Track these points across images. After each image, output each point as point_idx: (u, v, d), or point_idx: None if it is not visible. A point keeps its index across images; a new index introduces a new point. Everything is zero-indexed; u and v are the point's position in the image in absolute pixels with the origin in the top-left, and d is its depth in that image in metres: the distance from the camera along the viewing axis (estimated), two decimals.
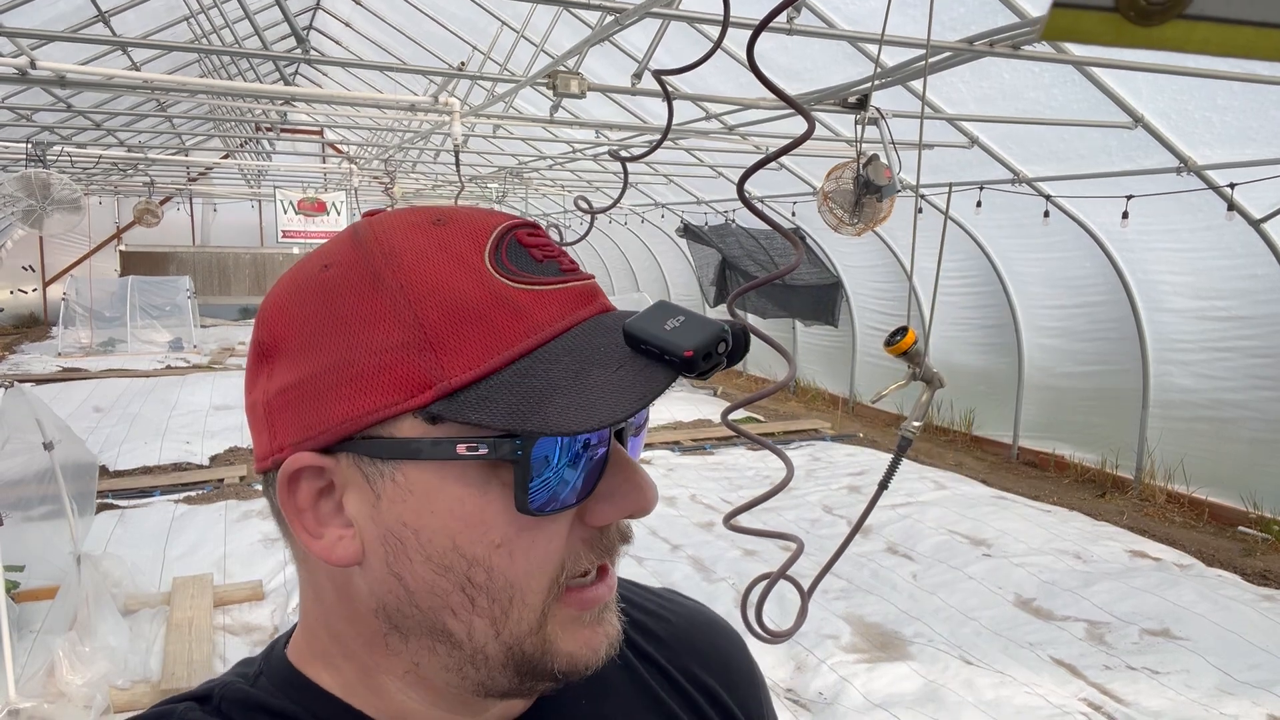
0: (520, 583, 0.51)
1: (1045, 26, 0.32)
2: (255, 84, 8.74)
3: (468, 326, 0.50)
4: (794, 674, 3.93)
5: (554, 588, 0.52)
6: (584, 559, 0.53)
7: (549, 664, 0.53)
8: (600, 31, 3.84)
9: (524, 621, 0.52)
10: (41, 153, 7.43)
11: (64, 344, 13.29)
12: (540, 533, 0.51)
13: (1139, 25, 0.31)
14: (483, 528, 0.50)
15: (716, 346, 0.49)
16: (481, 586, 0.51)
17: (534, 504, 0.50)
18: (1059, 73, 4.90)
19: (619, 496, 0.53)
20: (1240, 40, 0.32)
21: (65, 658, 3.53)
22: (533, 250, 0.54)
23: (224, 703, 0.57)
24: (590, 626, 0.54)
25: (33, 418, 4.13)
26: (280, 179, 14.75)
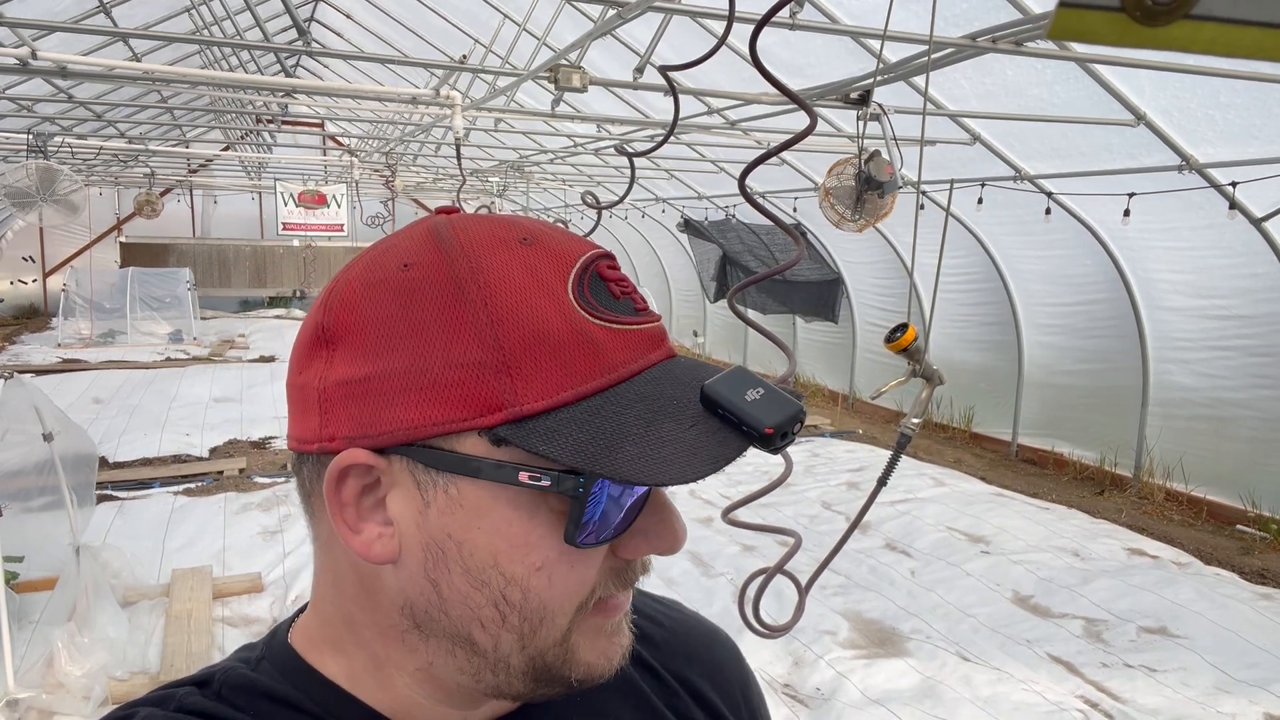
0: (553, 606, 0.53)
1: (1051, 25, 0.32)
2: (256, 76, 8.73)
3: (546, 356, 0.50)
4: (792, 669, 3.94)
5: (582, 611, 0.54)
6: (613, 586, 0.56)
7: (568, 673, 0.55)
8: (603, 25, 3.83)
9: (550, 638, 0.53)
10: (42, 144, 7.42)
11: (64, 335, 13.29)
12: (580, 561, 0.53)
13: (1145, 25, 0.31)
14: (525, 550, 0.51)
15: (794, 426, 0.50)
16: (515, 605, 0.52)
17: (581, 538, 0.51)
18: (1062, 69, 4.89)
19: (653, 535, 0.55)
20: (1246, 41, 0.32)
21: (64, 649, 3.54)
22: (611, 285, 0.54)
23: (225, 688, 0.57)
24: (609, 637, 0.56)
25: (32, 408, 4.13)
26: (281, 171, 14.73)
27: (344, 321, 0.53)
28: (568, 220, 14.35)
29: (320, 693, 0.58)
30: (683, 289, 13.63)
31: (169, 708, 0.56)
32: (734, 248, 9.88)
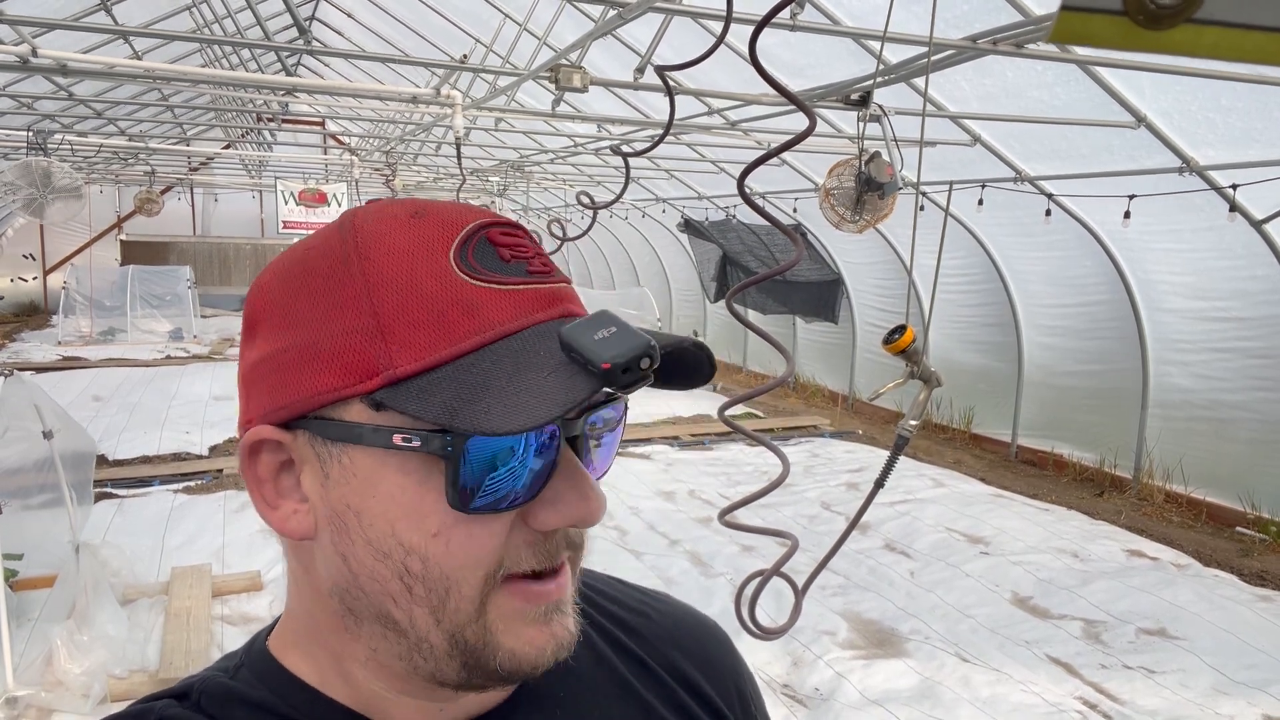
0: (455, 575, 0.51)
1: (1054, 29, 0.32)
2: (257, 74, 8.73)
3: (419, 318, 0.50)
4: (790, 670, 3.94)
5: (490, 580, 0.52)
6: (526, 560, 0.53)
7: (491, 658, 0.52)
8: (603, 25, 3.83)
9: (461, 611, 0.52)
10: (43, 141, 7.42)
11: (64, 333, 13.29)
12: (478, 527, 0.51)
13: (1148, 29, 0.31)
14: (420, 517, 0.51)
15: (639, 362, 0.48)
16: (418, 575, 0.51)
17: (469, 503, 0.50)
18: (1062, 71, 4.89)
19: (563, 504, 0.52)
20: (1249, 45, 0.32)
21: (63, 646, 3.54)
22: (501, 249, 0.54)
23: (204, 697, 0.57)
24: (536, 624, 0.53)
25: (32, 406, 4.13)
26: (281, 170, 14.73)
27: (258, 307, 0.56)
28: (568, 220, 14.35)
29: (294, 695, 0.58)
30: (683, 289, 13.63)
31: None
32: (734, 248, 9.88)
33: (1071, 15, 0.32)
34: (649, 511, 6.05)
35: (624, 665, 0.69)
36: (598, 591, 0.74)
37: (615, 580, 0.77)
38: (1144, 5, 0.31)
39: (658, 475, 7.02)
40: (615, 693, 0.67)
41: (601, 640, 0.69)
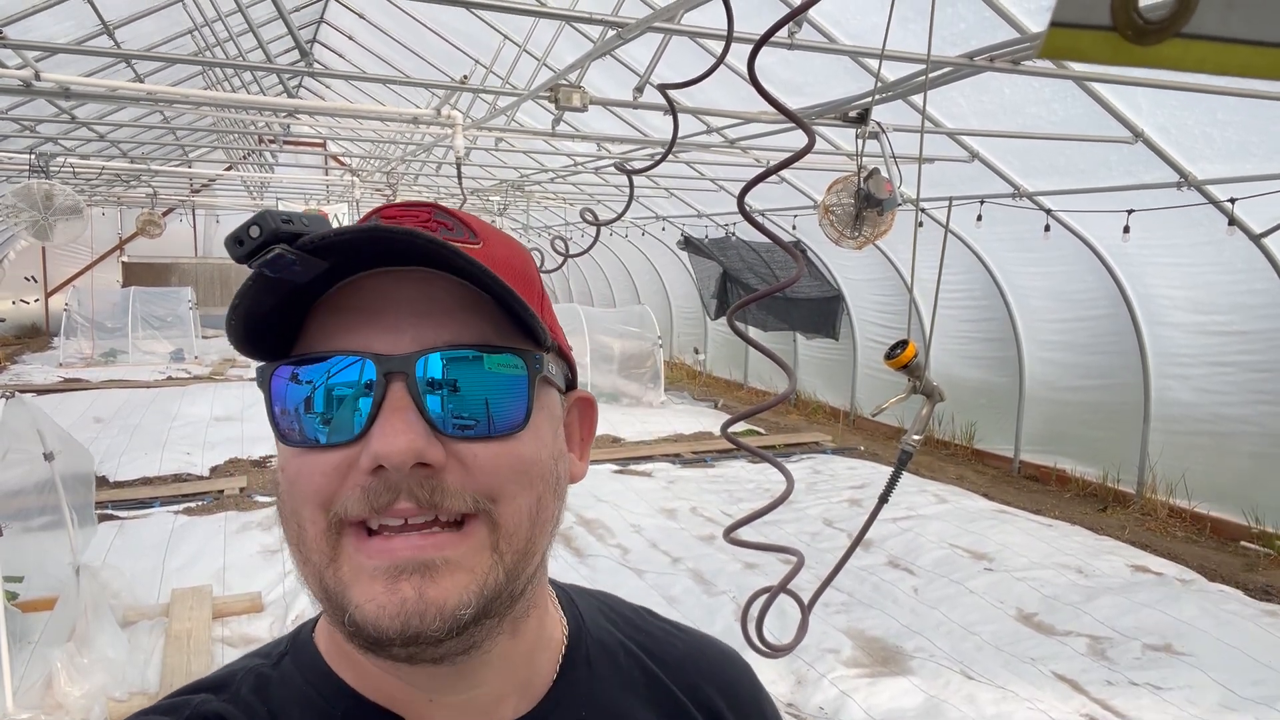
0: (299, 510, 0.54)
1: (1043, 45, 0.33)
2: (259, 96, 8.79)
3: None
4: (795, 688, 3.91)
5: (330, 521, 0.53)
6: (354, 504, 0.52)
7: (346, 610, 0.52)
8: (602, 46, 3.86)
9: (315, 552, 0.54)
10: (45, 164, 7.45)
11: (65, 354, 13.30)
12: (306, 463, 0.54)
13: (1136, 44, 0.32)
14: (280, 457, 0.56)
15: (248, 230, 0.50)
16: (283, 513, 0.56)
17: (282, 434, 0.54)
18: (1059, 88, 4.92)
19: (369, 441, 0.52)
20: (1236, 59, 0.32)
21: (63, 669, 3.52)
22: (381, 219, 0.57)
23: (244, 688, 0.59)
24: (379, 580, 0.51)
25: (33, 428, 4.13)
26: (283, 191, 14.79)
27: None
28: (569, 238, 14.36)
29: (330, 689, 0.59)
30: (683, 306, 13.65)
31: (181, 717, 0.57)
32: (734, 265, 9.90)
33: (1061, 31, 0.32)
34: (651, 529, 6.03)
35: (649, 691, 0.70)
36: (625, 619, 0.75)
37: (644, 609, 0.79)
38: (1132, 21, 0.31)
39: (659, 493, 7.00)
40: (638, 717, 0.68)
41: (629, 665, 0.70)
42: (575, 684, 0.66)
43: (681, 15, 3.44)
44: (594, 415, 0.68)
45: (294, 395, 0.53)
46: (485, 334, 0.55)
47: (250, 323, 0.53)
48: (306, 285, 0.53)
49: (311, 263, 0.51)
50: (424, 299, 0.54)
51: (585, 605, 0.74)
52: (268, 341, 0.55)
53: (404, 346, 0.53)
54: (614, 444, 8.64)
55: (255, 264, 0.49)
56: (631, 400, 10.64)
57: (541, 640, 0.65)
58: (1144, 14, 0.31)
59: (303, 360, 0.54)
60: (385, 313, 0.54)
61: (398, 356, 0.52)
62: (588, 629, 0.71)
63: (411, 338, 0.53)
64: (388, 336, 0.53)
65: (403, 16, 8.56)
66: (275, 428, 0.55)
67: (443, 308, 0.54)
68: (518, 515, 0.55)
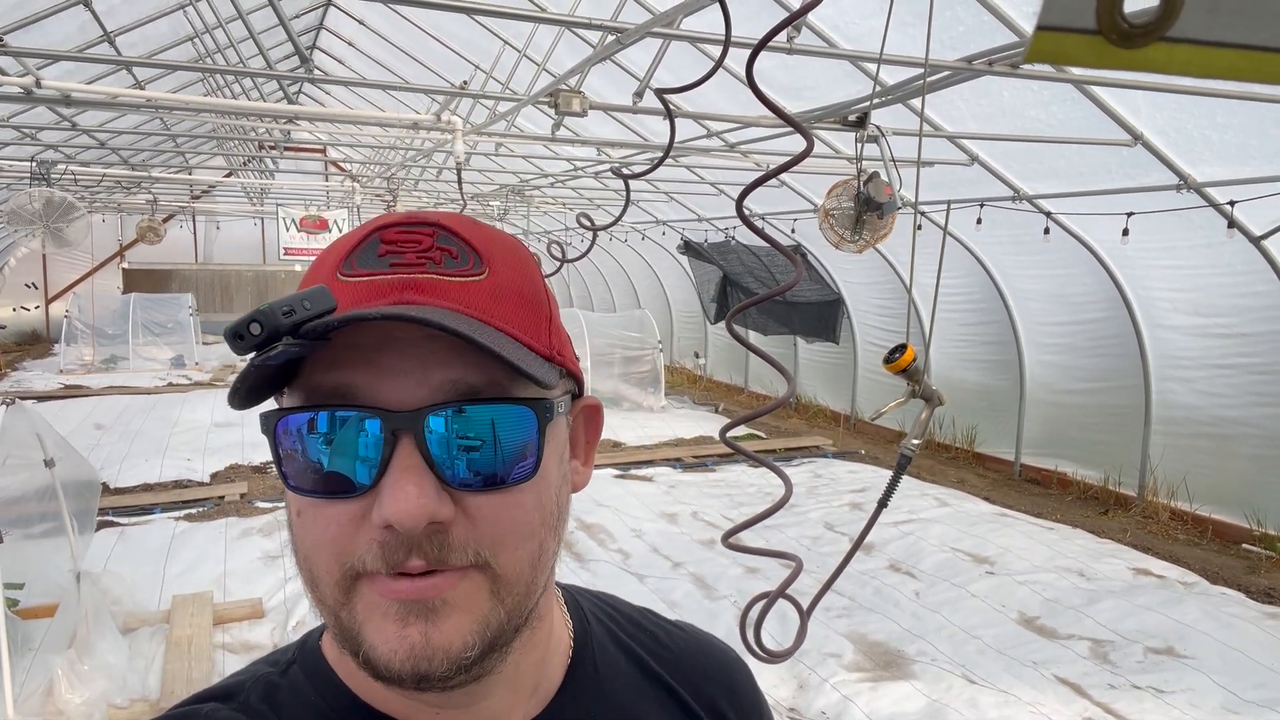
0: (312, 556, 0.54)
1: (1029, 49, 0.33)
2: (259, 103, 8.80)
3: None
4: (796, 693, 3.91)
5: (345, 572, 0.52)
6: (371, 558, 0.52)
7: (360, 648, 0.53)
8: (602, 51, 3.87)
9: (329, 596, 0.54)
10: (45, 171, 7.47)
11: (66, 361, 13.30)
12: (320, 512, 0.53)
13: (1121, 48, 0.32)
14: (293, 499, 0.55)
15: (248, 326, 0.49)
16: (298, 555, 0.56)
17: (290, 482, 0.54)
18: (1058, 91, 4.92)
19: (379, 502, 0.51)
20: (1220, 62, 0.32)
21: (64, 676, 3.51)
22: (383, 246, 0.56)
23: (253, 696, 0.59)
24: (392, 621, 0.52)
25: (34, 435, 4.13)
26: (283, 196, 14.79)
27: None
28: (566, 243, 14.38)
29: (339, 698, 0.59)
30: (683, 311, 13.65)
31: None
32: (734, 269, 9.90)
33: (1046, 35, 0.32)
34: (651, 534, 6.02)
35: (654, 691, 0.70)
36: (629, 619, 0.76)
37: (647, 610, 0.79)
38: (1117, 24, 0.31)
39: (660, 497, 7.00)
40: (643, 716, 0.68)
41: (632, 667, 0.71)
42: (582, 686, 0.66)
43: (680, 20, 3.44)
44: (600, 421, 0.67)
45: (300, 445, 0.53)
46: (492, 376, 0.53)
47: (252, 398, 0.54)
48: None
49: (312, 346, 0.50)
50: (427, 340, 0.52)
51: (590, 607, 0.74)
52: (266, 393, 0.54)
53: (410, 397, 0.52)
54: (615, 448, 8.64)
55: (259, 360, 0.49)
56: (632, 405, 10.64)
57: (550, 645, 0.66)
58: (1128, 18, 0.31)
59: (307, 408, 0.53)
60: (388, 356, 0.52)
61: (406, 413, 0.52)
62: (593, 631, 0.71)
63: (418, 383, 0.52)
64: (394, 383, 0.52)
65: (403, 22, 8.58)
66: (282, 476, 0.54)
67: (447, 349, 0.53)
68: (519, 566, 0.55)
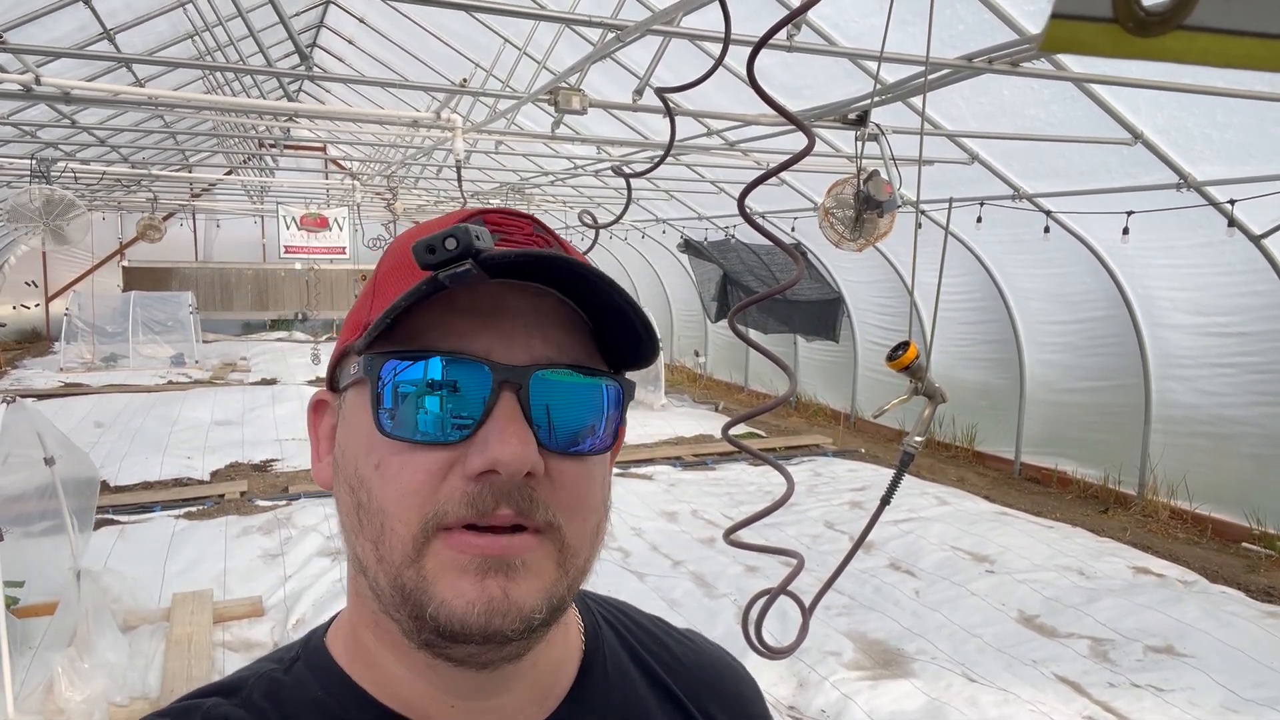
0: (389, 509, 0.53)
1: (1044, 38, 0.32)
2: (259, 100, 8.80)
3: (393, 277, 0.58)
4: (796, 691, 3.91)
5: (425, 524, 0.53)
6: (459, 508, 0.52)
7: (426, 606, 0.52)
8: (602, 48, 3.86)
9: (396, 549, 0.53)
10: (46, 169, 7.46)
11: (66, 359, 13.30)
12: (408, 460, 0.53)
13: (1138, 36, 0.31)
14: (369, 450, 0.55)
15: (443, 242, 0.50)
16: (365, 507, 0.55)
17: (385, 425, 0.54)
18: (1058, 89, 4.92)
19: (484, 445, 0.52)
20: (1239, 51, 0.32)
21: (64, 674, 3.51)
22: (489, 226, 0.59)
23: (255, 692, 0.59)
24: (468, 575, 0.52)
25: (34, 433, 4.12)
26: (283, 195, 14.79)
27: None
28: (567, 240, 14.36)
29: (343, 693, 0.59)
30: (684, 309, 13.65)
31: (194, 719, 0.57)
32: (734, 268, 9.90)
33: (1061, 23, 0.32)
34: (652, 532, 6.03)
35: (659, 699, 0.70)
36: (640, 626, 0.76)
37: (657, 618, 0.79)
38: (1134, 12, 0.31)
39: (660, 496, 7.00)
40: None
41: (641, 675, 0.71)
42: (591, 690, 0.66)
43: (680, 18, 3.44)
44: (624, 426, 0.69)
45: (405, 389, 0.53)
46: (578, 354, 0.57)
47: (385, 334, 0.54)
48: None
49: (482, 276, 0.52)
50: (534, 313, 0.56)
51: (601, 611, 0.74)
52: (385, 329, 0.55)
53: (518, 357, 0.55)
54: None
55: (443, 275, 0.50)
56: (632, 403, 10.62)
57: (565, 646, 0.66)
58: (1145, 6, 0.31)
59: (420, 354, 0.54)
60: (501, 321, 0.55)
61: (515, 367, 0.54)
62: (604, 635, 0.71)
63: (524, 349, 0.55)
64: (503, 345, 0.55)
65: (402, 20, 8.57)
66: (377, 419, 0.54)
67: (551, 324, 0.56)
68: (582, 536, 0.57)
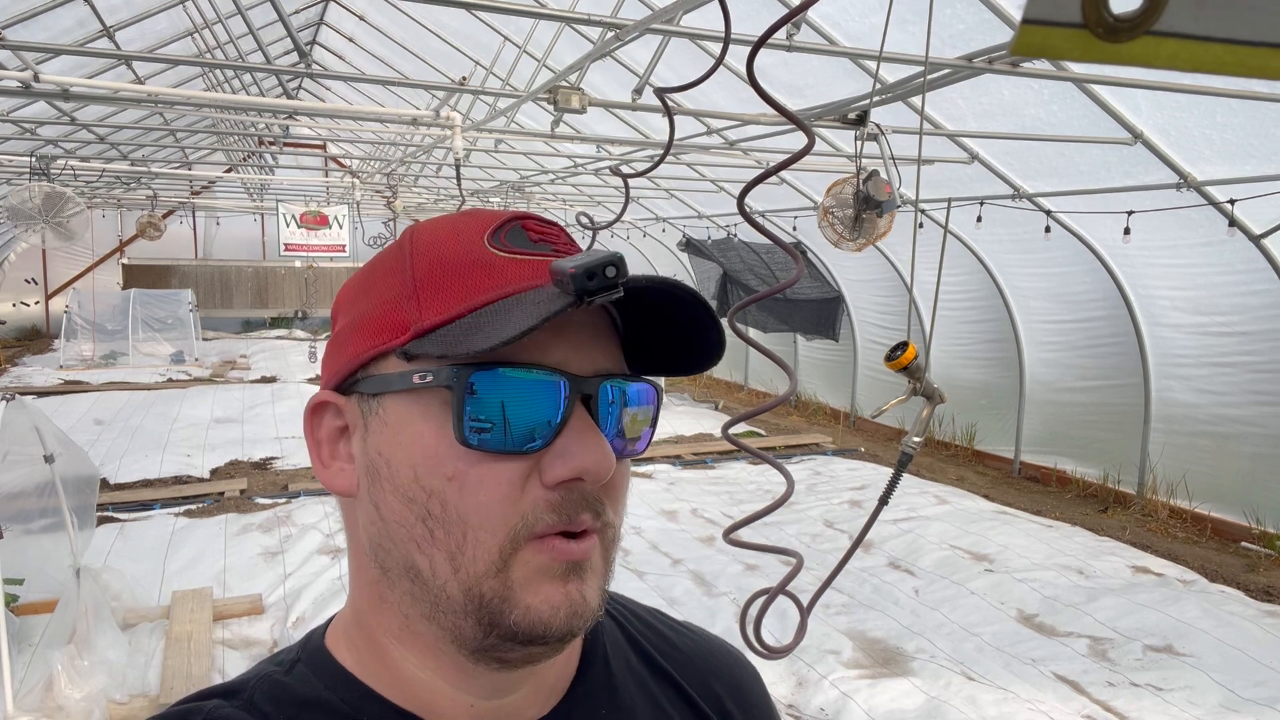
0: (472, 519, 0.53)
1: (1016, 42, 0.33)
2: (259, 98, 8.79)
3: (448, 280, 0.57)
4: (795, 690, 3.91)
5: (513, 534, 0.53)
6: (546, 517, 0.54)
7: (508, 614, 0.53)
8: (602, 47, 3.86)
9: (479, 560, 0.53)
10: (45, 166, 7.46)
11: (66, 357, 13.30)
12: (490, 471, 0.53)
13: (1107, 41, 0.32)
14: (438, 460, 0.54)
15: (604, 268, 0.50)
16: (439, 518, 0.54)
17: (470, 436, 0.53)
18: (1058, 89, 4.92)
19: (570, 455, 0.54)
20: (1208, 57, 0.32)
21: (64, 672, 3.52)
22: (531, 232, 0.60)
23: (257, 694, 0.59)
24: (555, 581, 0.54)
25: (34, 430, 4.13)
26: (283, 192, 14.79)
27: (338, 302, 0.64)
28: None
29: (349, 692, 0.59)
30: None
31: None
32: (735, 266, 9.91)
33: (1032, 28, 0.32)
34: (651, 531, 6.03)
35: (662, 690, 0.71)
36: (638, 618, 0.76)
37: (656, 610, 0.80)
38: (1102, 18, 0.31)
39: (660, 494, 7.00)
40: (654, 715, 0.68)
41: (642, 664, 0.71)
42: (594, 683, 0.66)
43: (680, 17, 3.44)
44: None
45: (490, 399, 0.53)
46: (623, 363, 0.60)
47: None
48: None
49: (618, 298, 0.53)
50: (594, 324, 0.58)
51: None
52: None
53: (586, 367, 0.56)
54: None
55: (598, 299, 0.51)
56: None
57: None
58: (1114, 11, 0.31)
59: (504, 365, 0.54)
60: (569, 332, 0.56)
61: (586, 378, 0.56)
62: (603, 627, 0.71)
63: (589, 360, 0.56)
64: (575, 356, 0.56)
65: (402, 18, 8.57)
66: (459, 429, 0.53)
67: (605, 335, 0.59)
68: (617, 533, 0.60)
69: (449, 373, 0.53)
